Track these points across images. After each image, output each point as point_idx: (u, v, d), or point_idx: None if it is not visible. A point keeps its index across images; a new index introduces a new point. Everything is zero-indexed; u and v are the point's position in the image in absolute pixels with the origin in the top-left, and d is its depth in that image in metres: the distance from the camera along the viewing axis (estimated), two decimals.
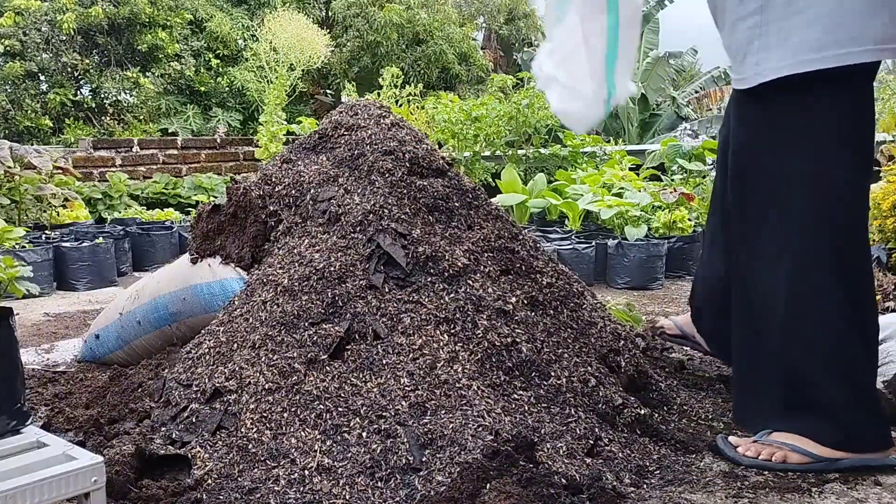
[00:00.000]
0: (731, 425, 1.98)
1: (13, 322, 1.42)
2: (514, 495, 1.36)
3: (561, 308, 2.06)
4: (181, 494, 1.48)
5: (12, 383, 1.39)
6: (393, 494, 1.46)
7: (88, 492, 1.25)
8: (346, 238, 2.02)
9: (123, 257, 4.76)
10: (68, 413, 1.91)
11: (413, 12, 10.78)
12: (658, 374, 2.21)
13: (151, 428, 1.72)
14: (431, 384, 1.69)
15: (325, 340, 1.78)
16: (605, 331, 2.09)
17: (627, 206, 4.70)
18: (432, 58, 10.74)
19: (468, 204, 2.23)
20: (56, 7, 8.87)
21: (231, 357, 1.83)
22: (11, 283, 2.72)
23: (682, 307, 3.75)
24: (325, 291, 1.89)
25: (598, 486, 1.48)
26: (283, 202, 2.24)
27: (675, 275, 4.59)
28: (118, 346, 2.50)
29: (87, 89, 9.41)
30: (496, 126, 6.97)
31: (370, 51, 10.53)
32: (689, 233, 4.72)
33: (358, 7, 10.67)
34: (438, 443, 1.55)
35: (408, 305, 1.87)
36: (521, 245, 2.19)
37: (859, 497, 1.56)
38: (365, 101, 2.52)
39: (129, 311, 2.47)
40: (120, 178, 6.48)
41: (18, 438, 1.35)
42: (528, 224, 5.49)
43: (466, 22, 12.14)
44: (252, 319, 1.91)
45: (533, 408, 1.73)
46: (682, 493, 1.56)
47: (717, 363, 2.60)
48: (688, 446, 1.80)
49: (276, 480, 1.50)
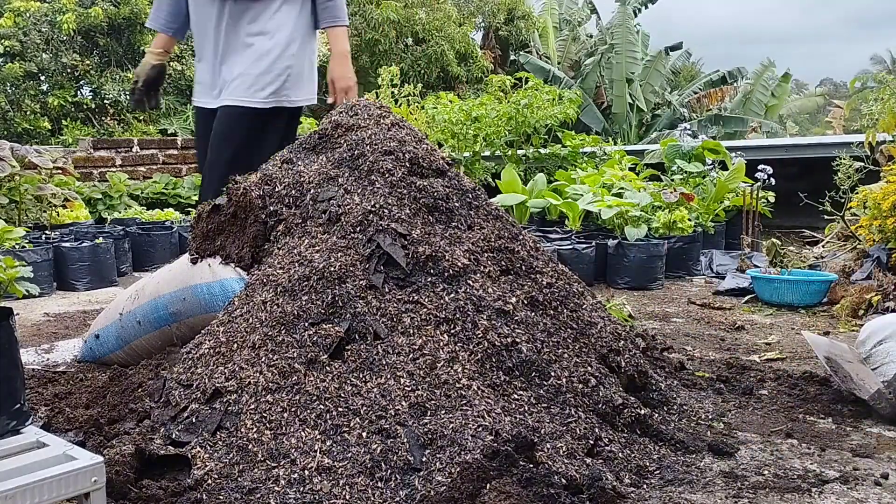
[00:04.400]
0: (730, 425, 1.98)
1: (13, 322, 1.42)
2: (514, 495, 1.36)
3: (561, 308, 2.06)
4: (181, 494, 1.48)
5: (12, 383, 1.39)
6: (393, 494, 1.46)
7: (88, 492, 1.25)
8: (346, 238, 2.02)
9: (123, 257, 4.76)
10: (68, 413, 1.91)
11: (411, 11, 10.78)
12: (658, 374, 2.21)
13: (151, 428, 1.72)
14: (431, 384, 1.69)
15: (325, 340, 1.78)
16: (605, 331, 2.08)
17: (627, 207, 4.70)
18: (433, 57, 10.74)
19: (468, 204, 2.23)
20: (56, 8, 8.87)
21: (231, 357, 1.83)
22: (11, 284, 2.72)
23: (681, 307, 3.75)
24: (325, 291, 1.89)
25: (598, 486, 1.48)
26: (283, 202, 2.24)
27: (675, 275, 4.59)
28: (118, 346, 2.50)
29: (87, 90, 9.41)
30: (496, 126, 6.97)
31: (368, 49, 10.53)
32: (689, 233, 4.72)
33: (356, 5, 10.67)
34: (438, 443, 1.55)
35: (408, 306, 1.87)
36: (521, 245, 2.19)
37: (859, 497, 1.56)
38: (365, 101, 2.52)
39: (129, 311, 2.47)
40: (120, 178, 6.47)
41: (18, 438, 1.35)
42: (528, 224, 5.49)
43: (465, 21, 12.13)
44: (252, 320, 1.91)
45: (533, 408, 1.73)
46: (682, 493, 1.57)
47: (717, 363, 2.60)
48: (688, 446, 1.80)
49: (276, 480, 1.50)
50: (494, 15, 13.12)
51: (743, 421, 2.02)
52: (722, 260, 4.89)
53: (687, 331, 3.21)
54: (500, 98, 7.64)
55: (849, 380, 2.13)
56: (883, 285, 3.44)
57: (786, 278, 3.75)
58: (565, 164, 7.09)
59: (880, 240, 3.82)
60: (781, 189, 5.49)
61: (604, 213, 4.73)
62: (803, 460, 1.76)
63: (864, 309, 3.35)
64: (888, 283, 3.43)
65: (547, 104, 7.06)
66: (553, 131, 7.49)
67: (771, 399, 2.21)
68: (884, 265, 3.67)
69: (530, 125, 7.07)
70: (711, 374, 2.44)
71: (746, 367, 2.52)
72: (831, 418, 2.05)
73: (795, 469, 1.70)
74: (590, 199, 5.07)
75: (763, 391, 2.29)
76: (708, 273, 4.76)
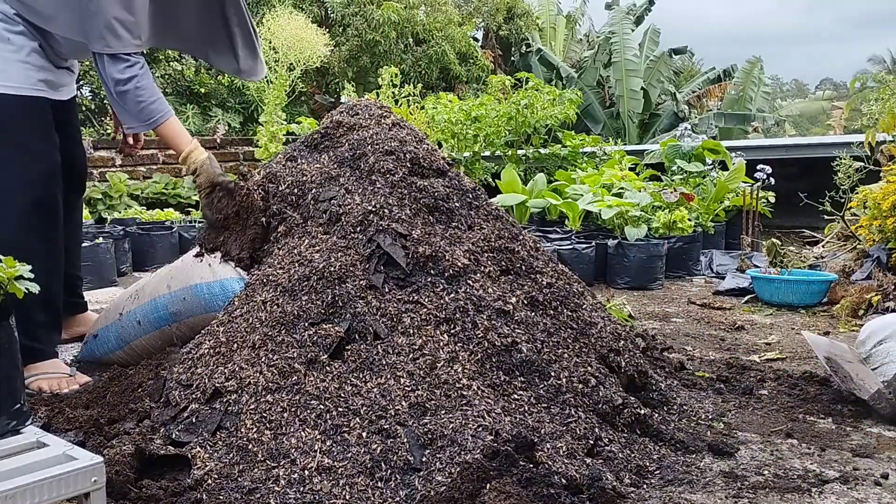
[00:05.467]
0: (730, 425, 1.98)
1: (13, 322, 1.42)
2: (514, 495, 1.36)
3: (561, 308, 2.06)
4: (181, 494, 1.48)
5: (12, 383, 1.39)
6: (393, 494, 1.46)
7: (88, 492, 1.25)
8: (347, 238, 2.02)
9: (123, 257, 4.75)
10: (68, 413, 1.91)
11: (412, 12, 10.78)
12: (658, 374, 2.21)
13: (151, 428, 1.72)
14: (431, 384, 1.69)
15: (325, 340, 1.78)
16: (605, 331, 2.08)
17: (627, 207, 4.71)
18: (433, 58, 10.74)
19: (468, 204, 2.24)
20: None
21: (231, 357, 1.83)
22: (12, 283, 2.71)
23: (681, 307, 3.75)
24: (325, 291, 1.89)
25: (598, 486, 1.48)
26: (285, 201, 2.24)
27: (675, 275, 4.59)
28: (118, 345, 2.50)
29: (86, 90, 9.41)
30: (496, 126, 6.97)
31: (369, 50, 10.52)
32: (690, 233, 4.72)
33: (356, 5, 10.66)
34: (438, 443, 1.55)
35: (408, 305, 1.87)
36: (521, 245, 2.19)
37: (859, 497, 1.56)
38: (366, 102, 2.52)
39: (128, 311, 2.47)
40: (120, 178, 6.47)
41: (18, 438, 1.35)
42: (528, 224, 5.49)
43: (465, 21, 12.13)
44: (252, 319, 1.91)
45: (533, 408, 1.73)
46: (682, 493, 1.56)
47: (717, 363, 2.60)
48: (688, 446, 1.80)
49: (276, 480, 1.50)
50: (493, 16, 13.12)
51: (743, 421, 2.02)
52: (722, 260, 4.89)
53: (687, 331, 3.21)
54: (499, 98, 7.64)
55: (849, 380, 2.13)
56: (883, 285, 3.44)
57: (786, 278, 3.75)
58: (565, 164, 7.09)
59: (880, 240, 3.82)
60: (781, 189, 5.49)
61: (604, 213, 4.73)
62: (803, 460, 1.76)
63: (864, 309, 3.36)
64: (888, 283, 3.43)
65: (547, 104, 7.06)
66: (553, 131, 7.49)
67: (771, 399, 2.21)
68: (884, 265, 3.67)
69: (530, 125, 7.07)
70: (711, 374, 2.44)
71: (746, 367, 2.52)
72: (831, 418, 2.05)
73: (795, 469, 1.70)
74: (590, 199, 5.07)
75: (763, 391, 2.29)
76: (708, 273, 4.76)
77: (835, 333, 3.13)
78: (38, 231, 2.28)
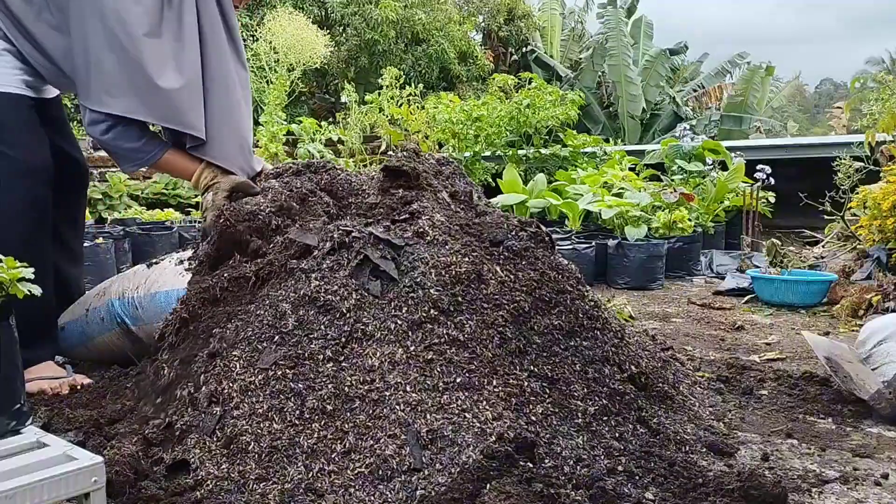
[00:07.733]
0: (730, 425, 1.98)
1: (13, 322, 1.42)
2: (514, 495, 1.36)
3: (561, 307, 2.05)
4: (181, 494, 1.47)
5: (12, 383, 1.39)
6: (393, 494, 1.46)
7: (88, 492, 1.25)
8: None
9: (123, 257, 4.76)
10: (68, 413, 1.91)
11: (411, 11, 10.78)
12: (659, 373, 2.20)
13: (151, 428, 1.72)
14: (431, 385, 1.69)
15: (324, 341, 1.78)
16: (606, 330, 2.08)
17: (627, 207, 4.71)
18: (433, 57, 10.74)
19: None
20: None
21: (229, 358, 1.83)
22: (13, 284, 2.71)
23: (682, 307, 3.76)
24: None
25: (598, 486, 1.48)
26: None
27: (675, 275, 4.59)
28: (81, 341, 2.47)
29: None
30: (497, 126, 6.98)
31: (368, 49, 10.52)
32: (690, 233, 4.73)
33: (356, 5, 10.66)
34: (438, 443, 1.55)
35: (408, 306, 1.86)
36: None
37: (859, 497, 1.56)
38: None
39: (94, 307, 2.44)
40: (120, 178, 6.47)
41: (18, 438, 1.35)
42: None
43: (466, 21, 12.13)
44: (251, 321, 1.90)
45: (533, 408, 1.72)
46: (683, 494, 1.56)
47: (717, 363, 2.60)
48: (688, 446, 1.79)
49: (275, 481, 1.50)
50: (494, 16, 13.13)
51: (743, 421, 2.02)
52: (722, 260, 4.89)
53: (687, 331, 3.21)
54: (501, 98, 7.64)
55: (849, 380, 2.13)
56: (883, 285, 3.45)
57: (786, 278, 3.75)
58: (566, 165, 7.09)
59: (880, 240, 3.82)
60: (781, 189, 5.49)
61: (604, 213, 4.73)
62: (803, 460, 1.76)
63: (864, 309, 3.36)
64: (888, 283, 3.43)
65: (549, 105, 7.06)
66: (554, 131, 7.49)
67: (771, 399, 2.21)
68: (884, 265, 3.67)
69: (531, 125, 7.08)
70: (711, 374, 2.44)
71: (746, 367, 2.52)
72: (831, 418, 2.05)
73: (795, 469, 1.70)
74: (590, 199, 5.07)
75: (763, 391, 2.29)
76: (708, 273, 4.76)
77: (835, 333, 3.13)
78: (23, 231, 2.21)
